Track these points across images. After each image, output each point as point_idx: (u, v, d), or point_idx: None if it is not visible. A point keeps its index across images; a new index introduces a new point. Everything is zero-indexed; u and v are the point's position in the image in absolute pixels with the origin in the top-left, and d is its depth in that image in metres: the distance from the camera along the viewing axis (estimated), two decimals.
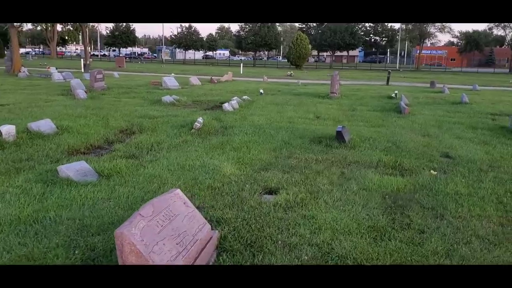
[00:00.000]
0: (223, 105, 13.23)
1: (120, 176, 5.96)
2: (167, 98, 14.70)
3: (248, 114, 12.53)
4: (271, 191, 5.54)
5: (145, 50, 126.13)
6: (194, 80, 24.24)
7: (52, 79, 23.94)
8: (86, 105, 13.06)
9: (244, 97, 16.30)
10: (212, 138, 8.89)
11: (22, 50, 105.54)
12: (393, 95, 19.06)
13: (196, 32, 79.32)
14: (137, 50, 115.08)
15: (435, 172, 6.61)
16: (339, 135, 8.21)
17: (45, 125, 8.94)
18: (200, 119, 9.58)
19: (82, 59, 39.42)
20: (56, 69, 33.03)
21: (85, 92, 17.07)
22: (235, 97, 15.51)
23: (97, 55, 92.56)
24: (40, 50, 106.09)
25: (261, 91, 18.98)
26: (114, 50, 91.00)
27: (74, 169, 5.87)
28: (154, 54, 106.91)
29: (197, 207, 4.70)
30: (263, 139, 8.81)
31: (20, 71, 28.54)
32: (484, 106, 16.33)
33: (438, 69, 70.98)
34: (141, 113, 11.94)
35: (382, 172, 6.53)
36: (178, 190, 3.66)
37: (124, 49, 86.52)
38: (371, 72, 54.83)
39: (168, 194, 3.51)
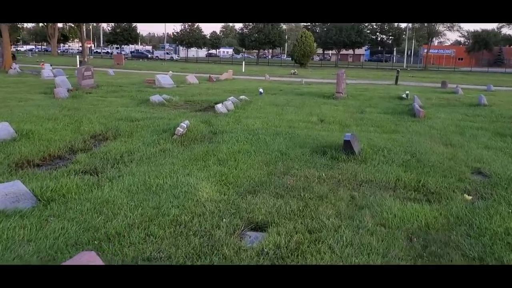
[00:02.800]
0: (215, 106, 11.83)
1: (64, 201, 4.58)
2: (156, 98, 13.32)
3: (243, 116, 11.14)
4: (257, 227, 4.14)
5: (149, 47, 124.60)
6: (191, 78, 22.86)
7: (41, 76, 22.63)
8: (63, 105, 11.69)
9: (241, 97, 14.90)
10: (195, 146, 7.50)
11: (26, 47, 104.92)
12: (404, 95, 17.59)
13: (198, 30, 77.81)
14: (140, 47, 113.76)
15: (470, 197, 5.19)
16: (347, 145, 6.79)
17: (0, 129, 7.59)
18: (183, 124, 8.19)
19: (77, 56, 38.09)
20: (51, 65, 31.77)
21: (71, 90, 15.83)
22: (231, 97, 14.12)
23: (99, 53, 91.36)
24: (44, 47, 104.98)
25: (261, 90, 17.57)
26: (117, 48, 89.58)
27: (2, 192, 4.49)
28: (157, 53, 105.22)
29: (147, 258, 3.31)
30: (256, 148, 7.41)
31: (11, 68, 27.27)
32: (505, 109, 14.81)
33: (447, 68, 69.18)
34: (122, 115, 10.56)
35: (403, 197, 5.12)
36: (93, 254, 2.26)
37: (126, 46, 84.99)
38: (378, 71, 53.22)
39: (70, 263, 2.11)
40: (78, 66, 33.96)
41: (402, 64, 73.26)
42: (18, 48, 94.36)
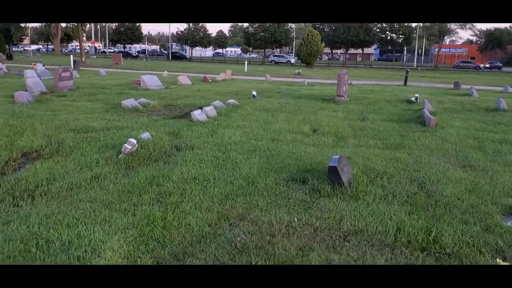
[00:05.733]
0: (192, 113, 10.18)
1: None
2: (128, 102, 11.72)
3: (223, 125, 9.50)
4: None
5: (155, 47, 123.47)
6: (183, 79, 21.24)
7: (24, 77, 21.15)
8: (16, 112, 10.12)
9: (229, 101, 13.25)
10: (143, 169, 5.87)
11: (33, 47, 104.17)
12: (413, 99, 15.80)
13: (203, 29, 76.12)
14: (147, 47, 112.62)
15: (506, 263, 3.50)
16: (334, 173, 5.10)
17: None
18: (133, 139, 6.55)
19: (71, 56, 36.70)
20: (43, 66, 30.42)
21: (45, 93, 14.36)
22: (217, 101, 12.51)
23: (105, 52, 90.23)
24: (51, 46, 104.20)
25: (254, 93, 15.88)
26: (124, 47, 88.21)
27: None
28: (164, 51, 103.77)
29: None
30: (220, 173, 5.77)
31: None
32: None
33: (459, 68, 66.96)
34: (77, 124, 8.96)
35: (406, 264, 3.43)
36: None
37: (130, 45, 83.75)
38: (387, 71, 51.24)
39: None
40: (72, 66, 32.60)
41: (412, 63, 71.12)
42: (26, 48, 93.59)
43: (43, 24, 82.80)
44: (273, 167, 6.10)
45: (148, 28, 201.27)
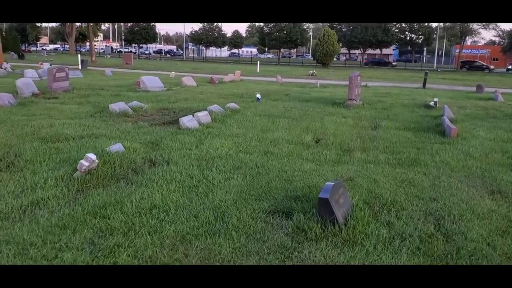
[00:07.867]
0: (180, 120, 9.11)
1: None
2: (116, 106, 10.71)
3: (214, 134, 8.43)
4: None
5: (172, 47, 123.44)
6: (188, 80, 20.23)
7: (24, 76, 20.47)
8: None
9: (229, 104, 12.17)
10: (95, 194, 4.82)
11: (52, 46, 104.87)
12: (431, 103, 14.48)
13: (218, 29, 75.19)
14: (163, 47, 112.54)
15: None
16: (325, 208, 3.94)
17: None
18: (91, 155, 5.48)
19: (79, 55, 36.09)
20: (51, 65, 29.82)
21: (36, 94, 13.55)
22: (214, 105, 11.44)
23: (121, 51, 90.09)
24: (67, 46, 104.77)
25: (258, 95, 14.75)
26: (141, 47, 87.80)
27: None
28: (181, 51, 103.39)
29: None
30: (187, 200, 4.68)
31: (0, 67, 25.39)
32: None
33: (481, 70, 64.70)
34: (50, 132, 7.99)
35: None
36: None
37: (144, 45, 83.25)
38: (406, 72, 49.48)
39: None
40: (80, 66, 31.99)
41: (432, 64, 69.07)
42: (44, 48, 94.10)
43: (59, 23, 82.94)
44: (255, 192, 4.99)
45: (166, 28, 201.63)
